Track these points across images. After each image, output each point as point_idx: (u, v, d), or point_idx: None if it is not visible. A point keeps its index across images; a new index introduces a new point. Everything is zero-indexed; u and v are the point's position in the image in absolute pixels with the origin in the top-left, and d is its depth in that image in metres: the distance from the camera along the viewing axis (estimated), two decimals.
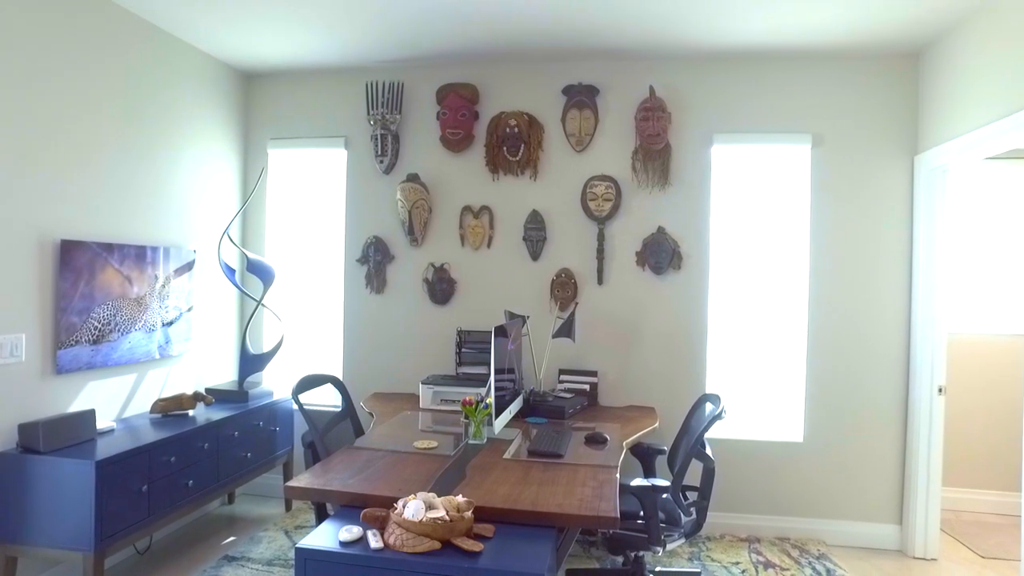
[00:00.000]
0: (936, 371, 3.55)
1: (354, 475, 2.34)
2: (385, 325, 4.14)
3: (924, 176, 3.60)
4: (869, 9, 3.13)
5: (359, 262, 4.15)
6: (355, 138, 4.16)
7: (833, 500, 3.78)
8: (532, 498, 2.14)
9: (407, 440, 2.87)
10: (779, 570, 3.35)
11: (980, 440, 4.36)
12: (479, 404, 2.86)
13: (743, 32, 3.44)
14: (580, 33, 3.51)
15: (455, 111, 3.95)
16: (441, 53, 3.86)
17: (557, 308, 3.93)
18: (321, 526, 2.00)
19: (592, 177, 3.89)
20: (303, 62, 4.01)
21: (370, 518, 1.93)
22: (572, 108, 3.90)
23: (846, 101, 3.75)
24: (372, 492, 2.17)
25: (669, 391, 3.88)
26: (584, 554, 3.45)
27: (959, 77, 3.30)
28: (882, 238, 3.73)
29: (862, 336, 3.75)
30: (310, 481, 2.26)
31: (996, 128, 2.95)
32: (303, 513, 3.98)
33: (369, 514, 1.94)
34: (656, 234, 3.85)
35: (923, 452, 3.58)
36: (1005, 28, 2.94)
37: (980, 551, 3.71)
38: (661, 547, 2.65)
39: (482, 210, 4.02)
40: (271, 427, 3.82)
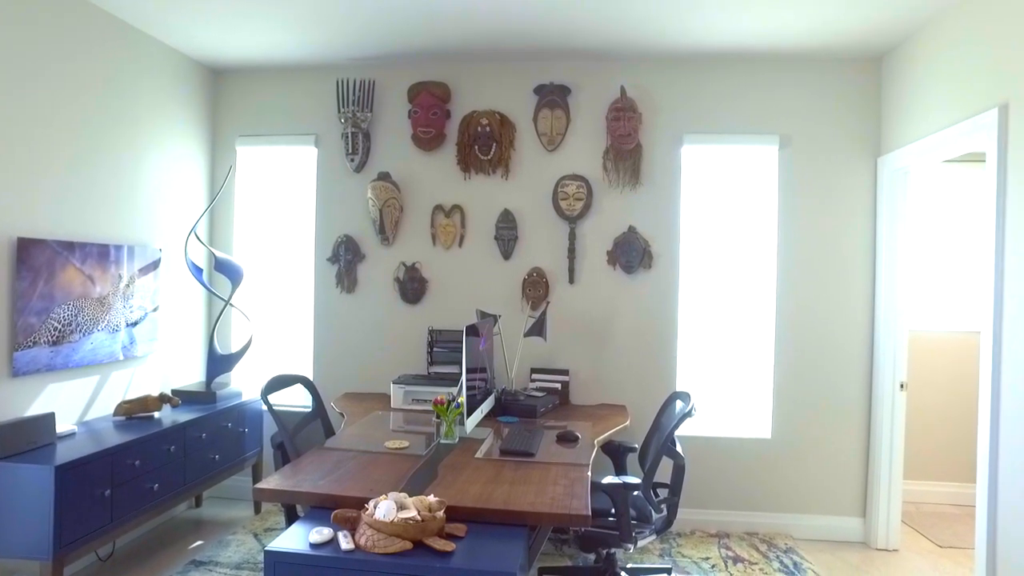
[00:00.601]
0: (898, 368, 3.65)
1: (324, 476, 2.32)
2: (356, 325, 4.10)
3: (887, 177, 3.69)
4: (833, 14, 3.19)
5: (329, 261, 4.11)
6: (325, 136, 4.12)
7: (800, 495, 3.86)
8: (504, 497, 2.15)
9: (378, 440, 2.85)
10: (748, 564, 3.41)
11: (938, 434, 4.49)
12: (451, 403, 2.85)
13: (713, 34, 3.48)
14: (552, 33, 3.52)
15: (427, 109, 3.93)
16: (413, 51, 3.84)
17: (529, 307, 3.94)
18: (291, 528, 1.98)
19: (563, 176, 3.91)
20: (273, 58, 3.96)
21: (341, 519, 1.92)
22: (544, 108, 3.91)
23: (812, 103, 3.83)
24: (343, 493, 2.15)
25: (640, 389, 3.91)
26: (556, 552, 3.47)
27: (918, 82, 3.39)
28: (847, 238, 3.81)
29: (827, 334, 3.83)
30: (280, 483, 2.23)
31: (953, 132, 3.03)
32: (273, 515, 3.93)
33: (340, 515, 1.92)
34: (627, 233, 3.88)
35: (885, 446, 3.67)
36: (959, 36, 3.02)
37: (939, 541, 3.82)
38: (632, 544, 2.67)
39: (454, 209, 4.01)
40: (240, 428, 3.76)
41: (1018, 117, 2.62)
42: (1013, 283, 2.64)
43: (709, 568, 3.36)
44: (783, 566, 3.39)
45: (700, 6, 3.14)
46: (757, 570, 3.34)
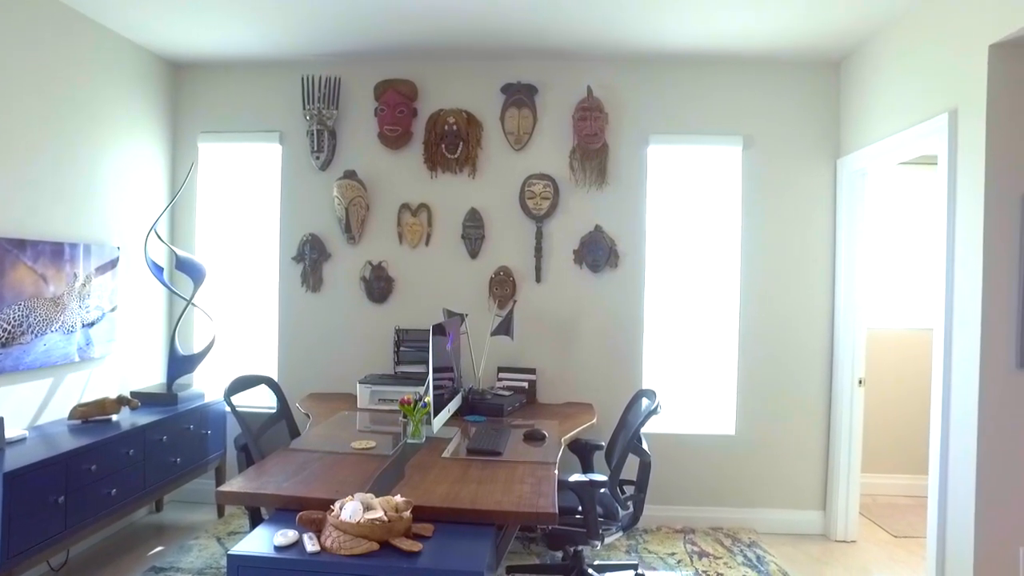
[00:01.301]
0: (856, 364, 3.74)
1: (289, 477, 2.29)
2: (321, 324, 4.05)
3: (845, 179, 3.79)
4: (794, 20, 3.26)
5: (294, 260, 4.05)
6: (290, 133, 4.06)
7: (763, 490, 3.93)
8: (471, 496, 2.14)
9: (344, 441, 2.82)
10: (713, 559, 3.47)
11: (894, 428, 4.63)
12: (417, 403, 2.84)
13: (678, 36, 3.53)
14: (519, 32, 3.52)
15: (393, 108, 3.91)
16: (379, 48, 3.80)
17: (495, 306, 3.95)
18: (255, 531, 1.95)
19: (530, 176, 3.92)
20: (235, 53, 3.89)
21: (306, 521, 1.89)
22: (511, 107, 3.92)
23: (775, 105, 3.90)
24: (308, 495, 2.13)
25: (606, 387, 3.95)
26: (524, 551, 3.48)
27: (874, 87, 3.48)
28: (808, 237, 3.90)
29: (789, 331, 3.91)
30: (243, 485, 2.20)
31: (907, 135, 3.12)
32: (236, 519, 3.86)
33: (305, 517, 1.90)
34: (593, 232, 3.91)
35: (844, 441, 3.77)
36: (911, 44, 3.12)
37: (894, 531, 3.94)
38: (599, 541, 2.69)
39: (420, 208, 3.99)
40: (202, 430, 3.69)
41: (966, 122, 2.71)
42: (963, 282, 2.73)
43: (675, 564, 3.41)
44: (747, 560, 3.46)
45: (665, 8, 3.18)
46: (722, 564, 3.40)
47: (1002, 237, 2.61)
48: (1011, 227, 2.61)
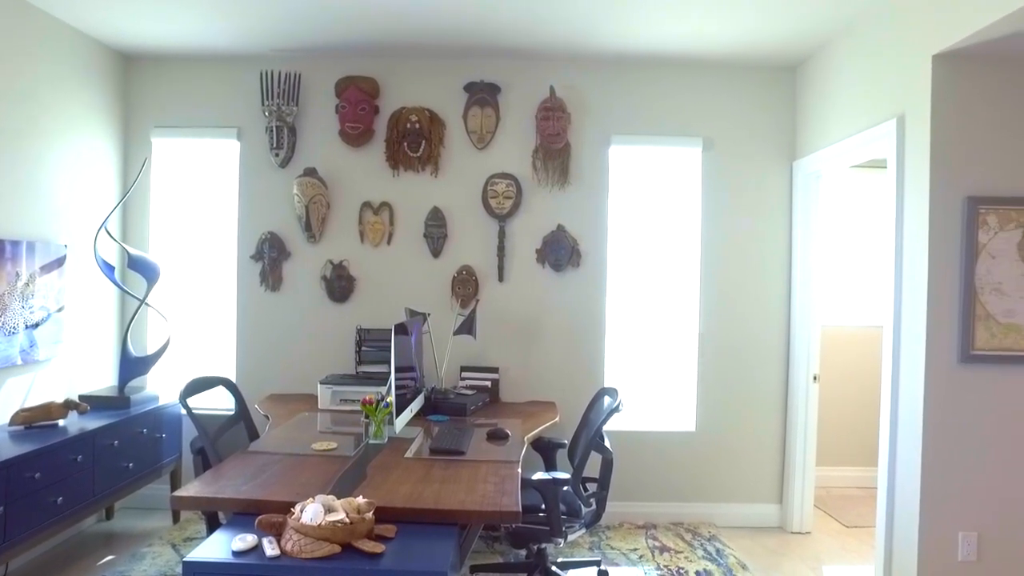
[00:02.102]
0: (811, 361, 3.85)
1: (248, 481, 2.24)
2: (281, 324, 3.98)
3: (801, 181, 3.89)
4: (752, 25, 3.33)
5: (253, 259, 3.97)
6: (249, 129, 3.97)
7: (722, 485, 4.01)
8: (434, 496, 2.13)
9: (305, 442, 2.78)
10: (674, 553, 3.52)
11: (846, 422, 4.77)
12: (379, 403, 2.81)
13: (640, 38, 3.57)
14: (483, 30, 3.52)
15: (355, 105, 3.86)
16: (341, 44, 3.76)
17: (458, 305, 3.94)
18: (212, 536, 1.90)
19: (493, 175, 3.92)
20: (191, 46, 3.79)
21: (266, 525, 1.86)
22: (474, 105, 3.91)
23: (734, 108, 3.98)
24: (268, 498, 2.09)
25: (569, 386, 3.97)
26: (488, 550, 3.48)
27: (828, 92, 3.59)
28: (765, 237, 3.99)
29: (747, 329, 3.99)
30: (200, 489, 2.14)
31: (858, 140, 3.22)
32: (193, 524, 3.77)
33: (264, 521, 1.86)
34: (556, 232, 3.93)
35: (800, 436, 3.87)
36: (862, 52, 3.22)
37: (846, 522, 4.07)
38: (563, 538, 2.71)
39: (382, 206, 3.95)
40: (156, 434, 3.59)
41: (913, 127, 2.81)
42: (910, 281, 2.84)
43: (637, 559, 3.45)
44: (707, 553, 3.52)
45: (629, 11, 3.21)
46: (682, 558, 3.45)
47: (946, 238, 2.72)
48: (954, 228, 2.72)
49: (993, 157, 2.72)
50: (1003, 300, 2.72)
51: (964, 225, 2.71)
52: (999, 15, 2.30)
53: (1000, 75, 2.71)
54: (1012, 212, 2.71)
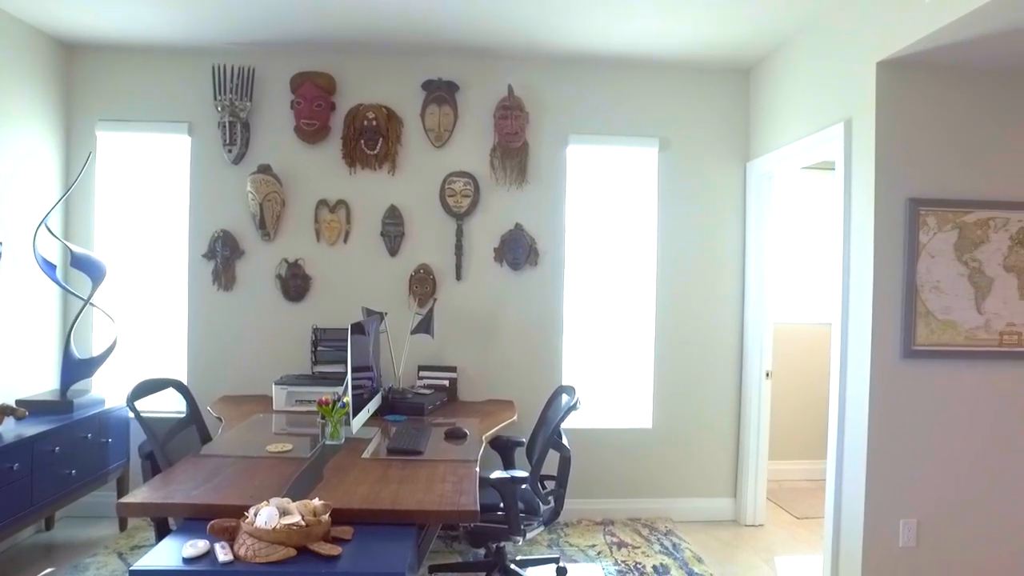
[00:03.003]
0: (764, 358, 3.94)
1: (200, 485, 2.18)
2: (234, 324, 3.89)
3: (754, 181, 3.98)
4: (707, 27, 3.39)
5: (205, 257, 3.87)
6: (200, 124, 3.87)
7: (679, 480, 4.08)
8: (392, 497, 2.12)
9: (259, 444, 2.72)
10: (631, 548, 3.57)
11: (797, 416, 4.91)
12: (336, 403, 2.77)
13: (598, 39, 3.60)
14: (441, 28, 3.50)
15: (310, 101, 3.80)
16: (296, 39, 3.69)
17: (416, 304, 3.91)
18: (161, 543, 1.85)
19: (451, 173, 3.91)
20: (138, 36, 3.66)
21: (218, 530, 1.81)
22: (431, 103, 3.89)
23: (689, 109, 4.05)
24: (220, 502, 2.04)
25: (527, 384, 3.99)
26: (446, 549, 3.47)
27: (779, 95, 3.68)
28: (719, 236, 4.07)
29: (702, 327, 4.07)
30: (148, 495, 2.08)
31: (808, 142, 3.32)
32: (141, 531, 3.65)
33: (217, 525, 1.82)
34: (513, 230, 3.94)
35: (753, 431, 3.97)
36: (811, 57, 3.32)
37: (796, 513, 4.19)
38: (521, 537, 2.72)
39: (338, 204, 3.90)
40: (102, 439, 3.46)
41: (859, 131, 2.91)
42: (857, 279, 2.93)
43: (595, 555, 3.48)
44: (663, 548, 3.58)
45: (586, 11, 3.24)
46: (640, 553, 3.50)
47: (890, 238, 2.82)
48: (897, 229, 2.83)
49: (933, 161, 2.84)
50: (941, 298, 2.83)
51: (906, 226, 2.82)
52: (937, 26, 2.40)
53: (939, 83, 2.83)
54: (949, 214, 2.83)
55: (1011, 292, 2.87)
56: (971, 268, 2.85)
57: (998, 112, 2.87)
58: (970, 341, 2.85)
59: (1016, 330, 2.87)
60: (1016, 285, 2.87)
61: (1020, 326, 2.87)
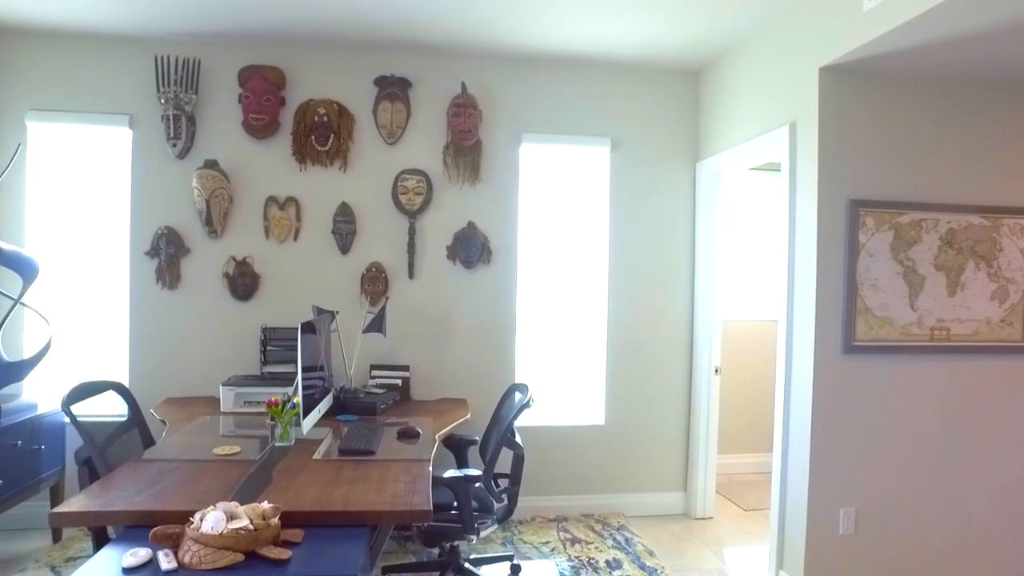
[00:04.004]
0: (713, 354, 4.04)
1: (142, 491, 2.11)
2: (180, 324, 3.77)
3: (703, 182, 4.07)
4: (658, 29, 3.45)
5: (148, 255, 3.74)
6: (142, 117, 3.73)
7: (631, 475, 4.14)
8: (343, 498, 2.09)
9: (206, 447, 2.64)
10: (584, 544, 3.61)
11: (744, 411, 5.05)
12: (286, 404, 2.72)
13: (551, 38, 3.62)
14: (394, 23, 3.46)
15: (259, 95, 3.71)
16: (244, 32, 3.59)
17: (367, 303, 3.86)
18: (99, 554, 1.78)
19: (403, 171, 3.87)
20: (73, 21, 3.51)
21: (161, 537, 1.75)
22: (384, 100, 3.84)
23: (641, 110, 4.11)
24: (164, 508, 1.97)
25: (480, 382, 3.99)
26: (400, 550, 3.44)
27: (727, 97, 3.77)
28: (670, 236, 4.15)
29: (653, 324, 4.14)
30: (86, 503, 2.00)
31: (755, 144, 3.41)
32: (77, 542, 3.50)
33: (160, 532, 1.76)
34: (466, 229, 3.93)
35: (702, 426, 4.06)
36: (758, 61, 3.41)
37: (744, 505, 4.31)
38: (475, 535, 2.72)
39: (288, 201, 3.82)
40: (34, 446, 3.31)
41: (803, 134, 3.01)
42: (801, 277, 3.03)
43: (549, 552, 3.51)
44: (616, 543, 3.63)
45: (539, 11, 3.25)
46: (593, 549, 3.54)
47: (832, 238, 2.93)
48: (839, 229, 2.93)
49: (871, 164, 2.95)
50: (879, 295, 2.95)
51: (847, 226, 2.93)
52: (874, 35, 2.50)
53: (877, 90, 2.94)
54: (886, 214, 2.95)
55: (940, 290, 3.01)
56: (905, 267, 2.98)
57: (931, 119, 3.00)
58: (905, 336, 2.98)
59: (945, 325, 3.02)
60: (945, 283, 3.01)
61: (948, 322, 3.02)
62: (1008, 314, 3.08)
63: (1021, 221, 3.08)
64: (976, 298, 3.04)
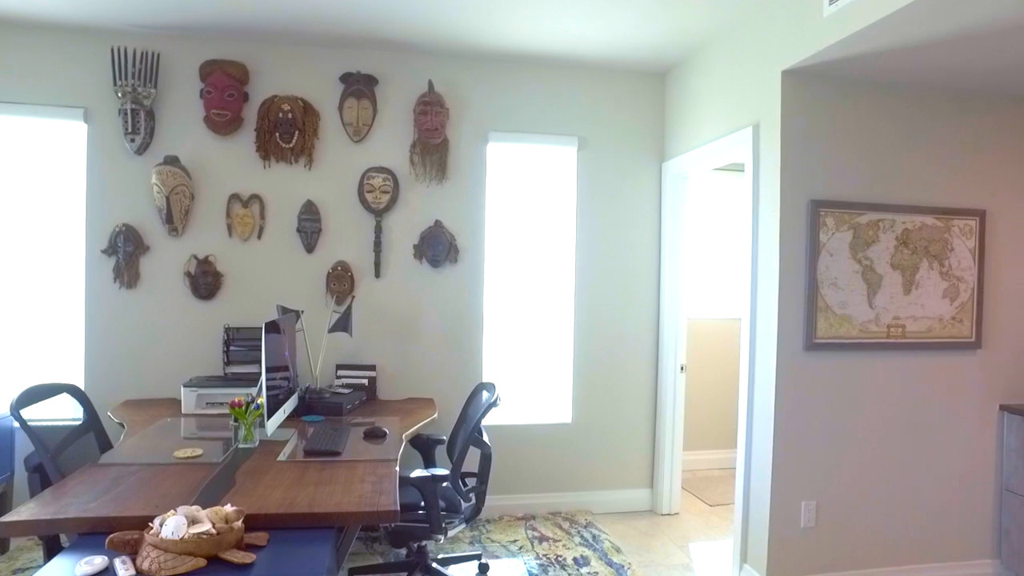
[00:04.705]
0: (679, 352, 4.09)
1: (98, 496, 2.05)
2: (139, 324, 3.68)
3: (669, 181, 4.11)
4: (625, 30, 3.48)
5: (105, 253, 3.64)
6: (98, 110, 3.62)
7: (598, 473, 4.18)
8: (308, 500, 2.06)
9: (166, 450, 2.58)
10: (552, 542, 3.62)
11: (709, 408, 5.12)
12: (250, 405, 2.67)
13: (519, 37, 3.62)
14: (360, 20, 3.43)
15: (222, 90, 3.63)
16: (206, 25, 3.51)
17: (333, 302, 3.82)
18: (51, 563, 1.72)
19: (370, 168, 3.84)
20: (21, 8, 3.39)
21: (118, 543, 1.71)
22: (350, 97, 3.80)
23: (608, 110, 4.14)
24: (121, 514, 1.92)
25: (447, 382, 3.97)
26: (367, 551, 3.41)
27: (693, 98, 3.82)
28: (636, 235, 4.19)
29: (620, 322, 4.18)
30: (36, 511, 1.93)
31: (719, 144, 3.46)
32: (27, 552, 3.38)
33: (117, 539, 1.71)
34: (433, 227, 3.91)
35: (668, 423, 4.11)
36: (722, 64, 3.46)
37: (709, 501, 4.37)
38: (443, 535, 2.71)
39: (252, 199, 3.75)
40: None
41: (766, 135, 3.06)
42: (764, 276, 3.09)
43: (517, 550, 3.52)
44: (584, 540, 3.65)
45: (507, 10, 3.25)
46: (560, 546, 3.56)
47: (794, 237, 2.99)
48: (800, 228, 3.00)
49: (832, 165, 3.02)
50: (838, 293, 3.03)
51: (808, 226, 2.99)
52: (834, 39, 2.56)
53: (838, 93, 3.01)
54: (845, 215, 3.02)
55: (896, 288, 3.10)
56: (864, 266, 3.06)
57: (888, 123, 3.09)
58: (863, 334, 3.06)
59: (900, 323, 3.11)
60: (900, 282, 3.10)
61: (904, 319, 3.11)
62: (959, 312, 3.19)
63: (970, 222, 3.19)
64: (929, 296, 3.14)
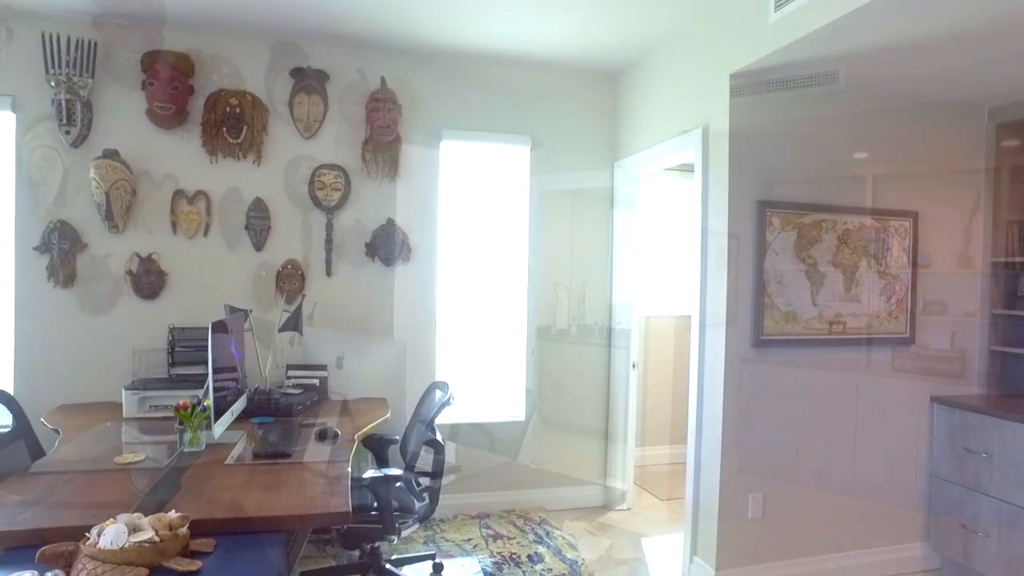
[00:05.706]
0: (631, 349, 4.15)
1: (28, 507, 1.95)
2: (75, 324, 3.52)
3: (621, 181, 4.17)
4: (575, 30, 3.50)
5: (37, 250, 3.47)
6: (27, 99, 3.44)
7: (551, 470, 4.20)
8: (257, 503, 2.01)
9: (106, 456, 2.48)
10: (506, 540, 3.63)
11: (662, 404, 5.21)
12: (196, 407, 2.59)
13: (472, 35, 3.61)
14: (311, 13, 3.36)
15: (165, 83, 3.50)
16: (149, 14, 3.38)
17: (283, 301, 3.74)
18: None
19: (321, 165, 3.77)
20: None
21: (50, 556, 1.62)
22: (300, 92, 3.72)
23: (562, 110, 4.16)
24: (55, 524, 1.83)
25: (400, 381, 3.94)
26: (319, 554, 3.35)
27: (644, 99, 3.88)
28: (589, 234, 4.23)
29: (573, 320, 4.21)
30: None
31: (670, 145, 3.53)
32: None
33: (48, 552, 1.62)
34: (386, 225, 3.87)
35: (621, 420, 4.17)
36: (673, 66, 3.53)
37: (661, 495, 4.46)
38: (396, 535, 2.69)
39: (198, 195, 3.64)
40: None
41: (715, 137, 3.13)
42: (713, 274, 3.16)
43: (471, 549, 3.51)
44: (537, 537, 3.68)
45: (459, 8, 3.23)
46: (515, 544, 3.57)
47: (741, 236, 3.06)
48: (748, 228, 3.08)
49: (777, 167, 3.12)
50: (784, 291, 3.12)
51: (755, 226, 3.07)
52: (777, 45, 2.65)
53: (783, 97, 3.10)
54: (790, 215, 3.12)
55: (837, 287, 3.22)
56: (807, 265, 3.16)
57: (831, 126, 3.20)
58: (807, 330, 3.17)
59: (841, 320, 3.23)
60: (841, 280, 3.22)
61: (844, 316, 3.23)
62: (895, 308, 3.33)
63: (904, 223, 3.34)
64: (868, 294, 3.27)
